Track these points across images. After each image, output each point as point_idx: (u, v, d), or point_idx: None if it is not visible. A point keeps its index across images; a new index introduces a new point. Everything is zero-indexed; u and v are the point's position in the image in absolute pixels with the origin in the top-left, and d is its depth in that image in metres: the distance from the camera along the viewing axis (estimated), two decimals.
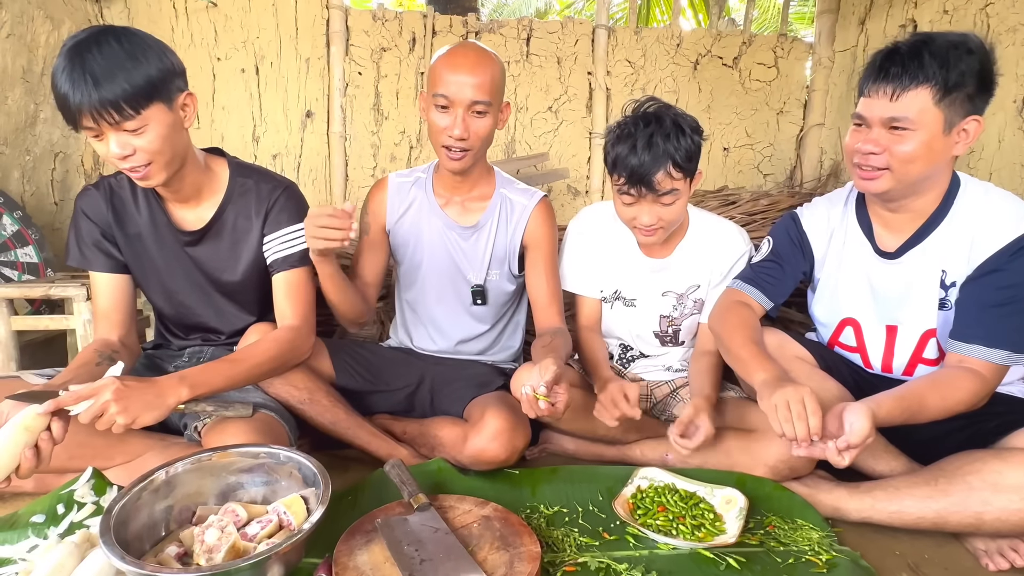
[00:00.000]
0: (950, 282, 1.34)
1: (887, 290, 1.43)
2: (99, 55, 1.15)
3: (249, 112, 2.92)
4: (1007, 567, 1.20)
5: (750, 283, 1.54)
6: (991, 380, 1.25)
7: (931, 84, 1.17)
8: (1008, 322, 1.24)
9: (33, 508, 1.17)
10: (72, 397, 1.08)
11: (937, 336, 1.40)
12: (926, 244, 1.36)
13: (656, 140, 1.41)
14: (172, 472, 1.13)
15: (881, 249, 1.43)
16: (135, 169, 1.26)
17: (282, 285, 1.48)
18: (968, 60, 1.17)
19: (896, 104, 1.20)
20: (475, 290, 1.66)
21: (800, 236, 1.54)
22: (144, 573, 0.89)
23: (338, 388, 1.59)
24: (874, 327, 1.47)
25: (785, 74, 3.08)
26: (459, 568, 0.98)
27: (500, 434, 1.40)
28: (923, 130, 1.20)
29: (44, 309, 2.30)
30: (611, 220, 1.69)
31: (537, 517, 1.28)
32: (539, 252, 1.65)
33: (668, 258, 1.66)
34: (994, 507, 1.18)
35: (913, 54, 1.19)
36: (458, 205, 1.66)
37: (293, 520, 1.06)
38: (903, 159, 1.23)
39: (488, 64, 1.47)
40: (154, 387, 1.15)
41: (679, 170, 1.43)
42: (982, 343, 1.25)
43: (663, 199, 1.46)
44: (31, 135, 2.54)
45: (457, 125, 1.45)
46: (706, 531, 1.21)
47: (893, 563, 1.22)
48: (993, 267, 1.26)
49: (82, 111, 1.15)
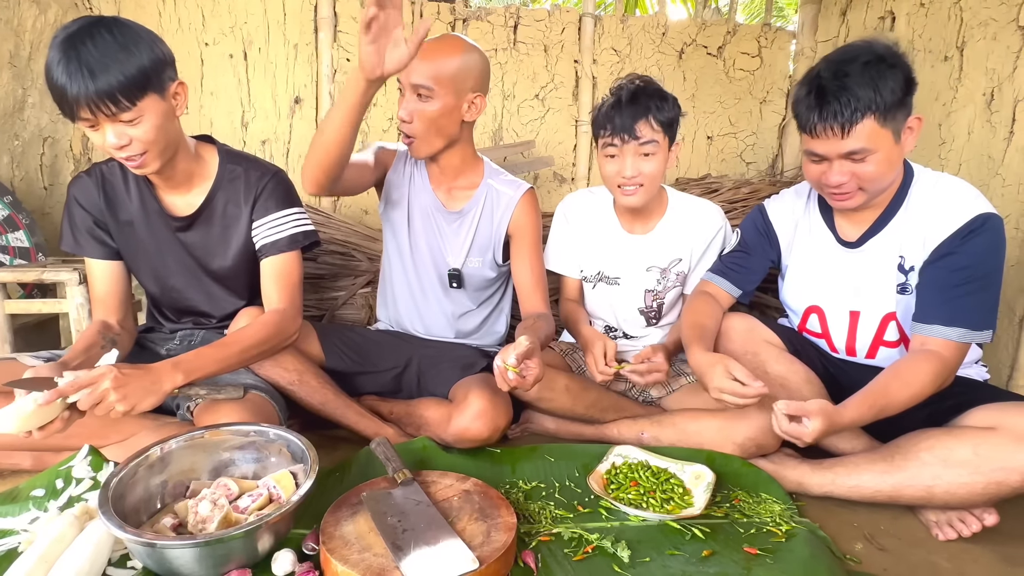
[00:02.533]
0: (908, 267, 1.41)
1: (849, 277, 1.50)
2: (93, 47, 1.17)
3: (237, 98, 2.93)
4: (955, 537, 1.28)
5: (718, 273, 1.67)
6: (951, 359, 1.31)
7: (872, 111, 1.24)
8: (964, 301, 1.31)
9: (33, 483, 1.23)
10: (72, 386, 1.10)
11: (899, 320, 1.47)
12: (884, 233, 1.44)
13: (640, 96, 1.55)
14: (166, 449, 1.19)
15: (843, 239, 1.51)
16: (131, 158, 1.30)
17: (269, 270, 1.51)
18: (891, 74, 1.25)
19: (848, 139, 1.27)
20: (451, 273, 1.72)
21: (766, 226, 1.64)
22: (141, 540, 0.94)
23: (327, 370, 1.63)
24: (838, 313, 1.54)
25: (769, 64, 3.12)
26: (439, 537, 1.04)
27: (483, 413, 1.46)
28: (880, 151, 1.28)
29: (36, 293, 2.33)
30: (595, 204, 1.79)
31: (516, 492, 1.35)
32: (524, 241, 1.70)
33: (649, 234, 1.75)
34: (943, 481, 1.25)
35: (842, 88, 1.25)
36: (446, 190, 1.71)
37: (283, 494, 1.12)
38: (870, 179, 1.32)
39: (447, 51, 1.50)
40: (150, 374, 1.19)
41: (659, 124, 1.55)
42: (940, 323, 1.32)
43: (644, 148, 1.56)
44: (19, 120, 2.55)
45: (402, 107, 1.51)
46: (675, 504, 1.28)
47: (851, 533, 1.30)
48: (947, 251, 1.33)
49: (79, 103, 1.18)
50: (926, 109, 2.33)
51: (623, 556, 1.12)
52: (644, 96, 1.55)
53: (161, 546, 0.95)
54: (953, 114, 2.22)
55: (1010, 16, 2.04)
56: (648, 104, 1.54)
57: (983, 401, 1.33)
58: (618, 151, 1.58)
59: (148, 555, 0.98)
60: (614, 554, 1.13)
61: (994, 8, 2.08)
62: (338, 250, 2.32)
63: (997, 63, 2.08)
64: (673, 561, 1.12)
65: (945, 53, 2.26)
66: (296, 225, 1.53)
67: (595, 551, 1.14)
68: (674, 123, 1.59)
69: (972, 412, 1.33)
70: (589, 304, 1.87)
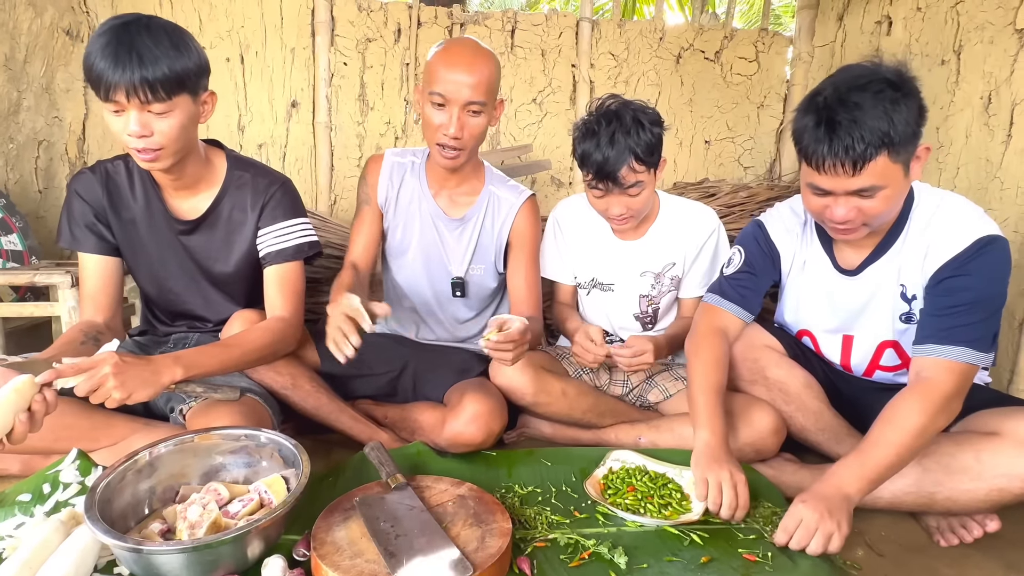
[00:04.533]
0: (911, 294, 1.35)
1: (846, 304, 1.44)
2: (147, 38, 1.21)
3: (235, 101, 2.93)
4: (957, 543, 1.26)
5: (729, 300, 1.54)
6: (944, 386, 1.19)
7: (884, 149, 1.13)
8: (962, 319, 1.22)
9: (19, 488, 1.20)
10: (71, 368, 1.09)
11: (901, 348, 1.42)
12: (884, 259, 1.36)
13: (617, 137, 1.48)
14: (155, 453, 1.17)
15: (841, 266, 1.44)
16: (146, 150, 1.29)
17: (274, 278, 1.51)
18: (904, 104, 1.14)
19: (859, 178, 1.16)
20: (455, 282, 1.70)
21: (769, 245, 1.54)
22: (127, 546, 0.92)
23: (322, 374, 1.62)
24: (829, 337, 1.52)
25: (766, 68, 3.13)
26: (432, 542, 1.02)
27: (477, 417, 1.45)
28: (890, 186, 1.18)
29: (29, 296, 2.31)
30: (587, 210, 1.76)
31: (511, 497, 1.33)
32: (522, 249, 1.70)
33: (642, 239, 1.73)
34: (945, 488, 1.23)
35: (854, 123, 1.13)
36: (447, 197, 1.70)
37: (274, 499, 1.10)
38: (876, 214, 1.22)
39: (485, 63, 1.49)
40: (150, 364, 1.18)
41: (641, 163, 1.50)
42: (933, 341, 1.23)
43: (630, 191, 1.53)
44: (14, 123, 2.54)
45: (452, 124, 1.48)
46: (673, 510, 1.26)
47: (851, 540, 1.26)
48: (948, 274, 1.25)
49: (119, 86, 1.19)
50: None
51: (620, 562, 1.10)
52: (622, 134, 1.47)
53: (148, 551, 0.93)
54: (951, 118, 2.22)
55: (1007, 20, 2.04)
56: (628, 143, 1.47)
57: (985, 406, 1.31)
58: (603, 193, 1.56)
59: (135, 561, 0.96)
60: (611, 560, 1.11)
61: (991, 12, 2.08)
62: (335, 254, 2.30)
63: (994, 66, 2.08)
64: (671, 567, 1.10)
65: (942, 57, 2.26)
66: (302, 235, 1.53)
67: (592, 557, 1.12)
68: (657, 149, 1.53)
69: (973, 417, 1.31)
70: (584, 311, 1.86)
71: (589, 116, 1.56)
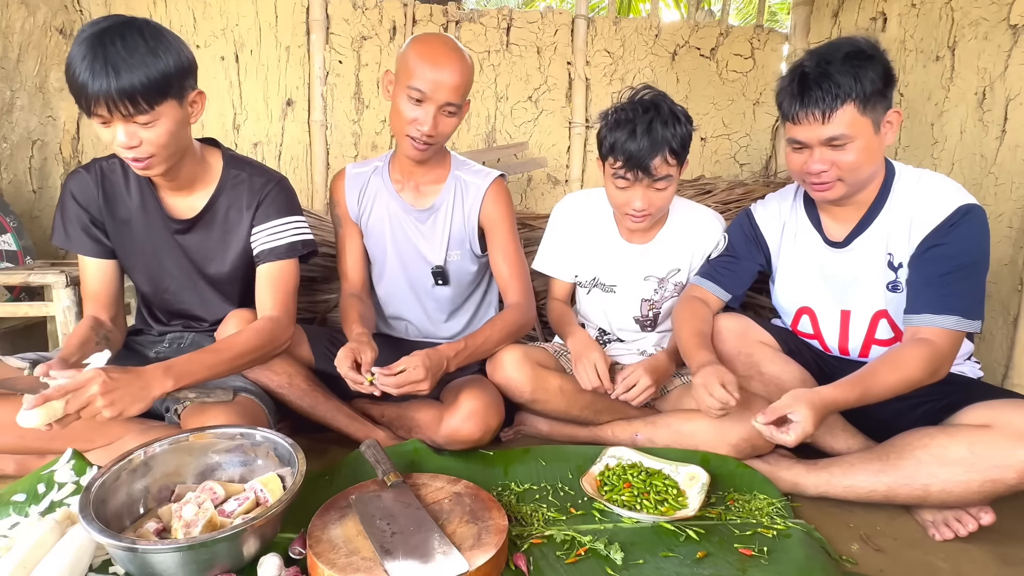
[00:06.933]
0: (897, 263, 1.41)
1: (838, 277, 1.50)
2: (122, 47, 1.17)
3: (229, 100, 2.92)
4: (952, 536, 1.26)
5: (707, 278, 1.66)
6: (943, 347, 1.30)
7: (852, 99, 1.27)
8: (953, 289, 1.31)
9: (14, 488, 1.20)
10: (58, 391, 1.08)
11: (891, 317, 1.46)
12: (871, 230, 1.44)
13: (655, 126, 1.45)
14: (150, 452, 1.17)
15: (830, 239, 1.50)
16: (138, 159, 1.28)
17: (265, 276, 1.50)
18: (871, 65, 1.28)
19: (829, 125, 1.30)
20: (435, 271, 1.70)
21: (754, 231, 1.64)
22: (122, 545, 0.92)
23: (318, 373, 1.61)
24: (829, 313, 1.54)
25: (761, 65, 3.13)
26: (428, 540, 1.02)
27: (474, 414, 1.45)
28: (859, 138, 1.31)
29: (24, 296, 2.30)
30: (593, 207, 1.75)
31: (508, 494, 1.33)
32: (497, 231, 1.68)
33: (649, 243, 1.71)
34: (939, 479, 1.24)
35: (824, 76, 1.28)
36: (413, 189, 1.69)
37: (270, 497, 1.10)
38: (850, 168, 1.33)
39: (464, 65, 1.50)
40: (140, 379, 1.16)
41: (674, 156, 1.48)
42: (931, 311, 1.32)
43: (657, 184, 1.51)
44: (8, 123, 2.52)
45: (427, 122, 1.48)
46: (669, 506, 1.27)
47: (847, 534, 1.28)
48: (933, 242, 1.34)
49: (98, 100, 1.17)
50: (918, 109, 2.34)
51: (616, 558, 1.10)
52: (660, 124, 1.45)
53: (143, 550, 0.93)
54: (945, 113, 2.23)
55: (1001, 15, 2.04)
56: (664, 135, 1.45)
57: (977, 399, 1.32)
58: (629, 184, 1.52)
59: (130, 560, 0.96)
60: (607, 556, 1.11)
61: (985, 7, 2.08)
62: (330, 252, 2.30)
63: (988, 62, 2.08)
64: (667, 563, 1.11)
65: (937, 53, 2.27)
66: (296, 233, 1.52)
67: (588, 553, 1.13)
68: (687, 145, 1.52)
69: (967, 410, 1.32)
70: (583, 309, 1.85)
71: (622, 105, 1.53)
